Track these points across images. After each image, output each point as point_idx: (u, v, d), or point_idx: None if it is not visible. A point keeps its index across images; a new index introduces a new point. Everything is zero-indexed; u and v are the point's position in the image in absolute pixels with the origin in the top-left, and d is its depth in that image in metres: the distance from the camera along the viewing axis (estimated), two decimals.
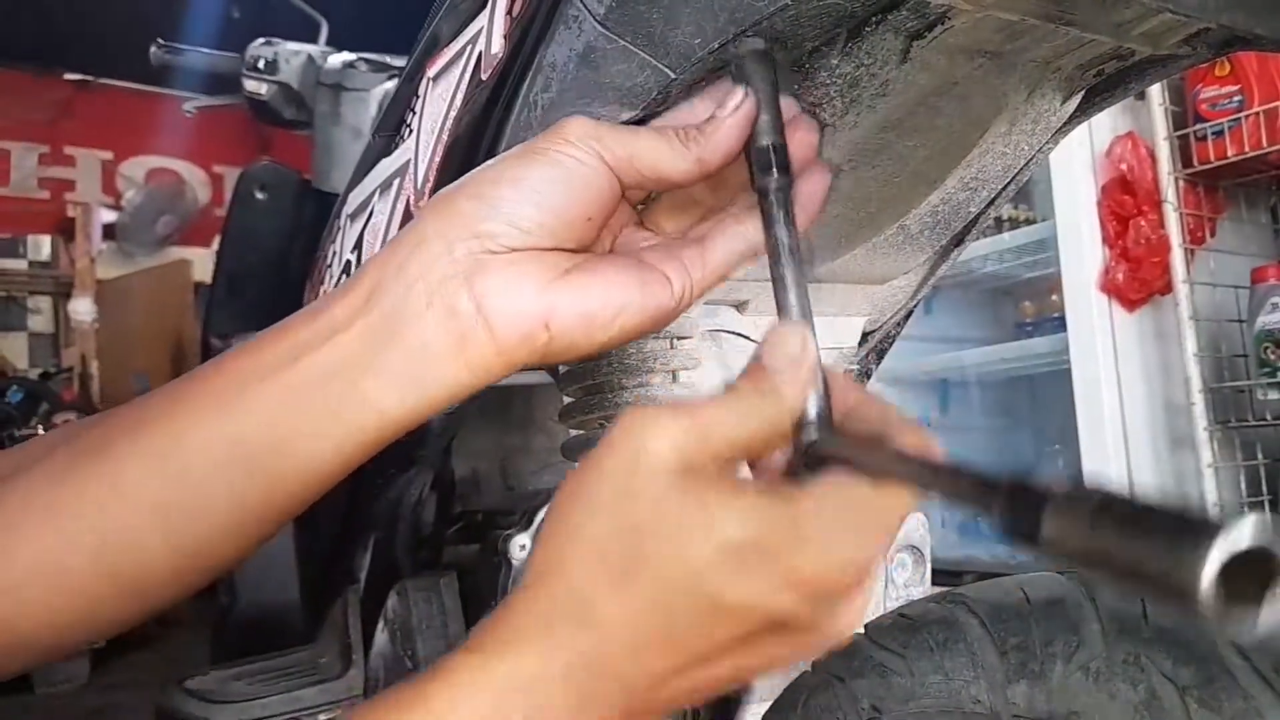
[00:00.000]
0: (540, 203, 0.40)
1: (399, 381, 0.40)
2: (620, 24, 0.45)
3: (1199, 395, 1.80)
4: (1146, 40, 0.44)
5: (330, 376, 0.40)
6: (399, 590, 0.86)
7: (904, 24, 0.41)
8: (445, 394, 0.41)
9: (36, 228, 5.06)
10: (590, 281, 0.41)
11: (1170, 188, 1.84)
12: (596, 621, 0.33)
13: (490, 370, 0.41)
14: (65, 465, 0.41)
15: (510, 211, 0.40)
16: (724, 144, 0.41)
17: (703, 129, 0.41)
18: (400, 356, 0.40)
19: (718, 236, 0.44)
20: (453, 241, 0.40)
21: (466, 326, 0.40)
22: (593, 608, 0.34)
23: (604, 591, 0.33)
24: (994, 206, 0.60)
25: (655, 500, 0.33)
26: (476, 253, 0.40)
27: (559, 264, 0.41)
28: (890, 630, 0.48)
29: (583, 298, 0.41)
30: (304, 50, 1.64)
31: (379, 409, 0.40)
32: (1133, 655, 0.39)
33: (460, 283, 0.40)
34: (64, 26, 4.34)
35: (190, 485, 0.40)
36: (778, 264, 0.41)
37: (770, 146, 0.41)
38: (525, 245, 0.40)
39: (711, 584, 0.33)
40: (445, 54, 0.63)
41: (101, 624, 0.43)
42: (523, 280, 0.40)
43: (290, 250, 1.46)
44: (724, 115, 0.41)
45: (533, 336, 0.40)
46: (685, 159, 0.41)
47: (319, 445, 0.41)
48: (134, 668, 3.11)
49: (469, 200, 0.41)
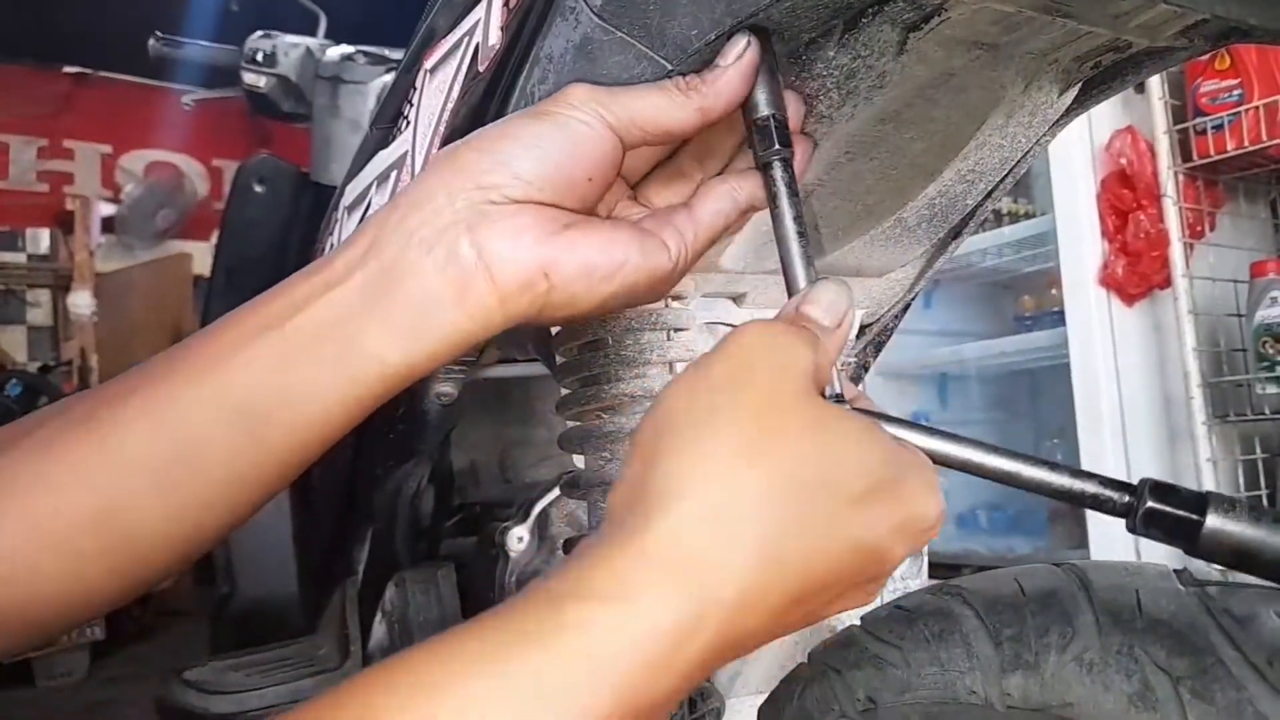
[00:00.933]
0: (543, 159, 0.41)
1: (400, 331, 0.40)
2: (617, 16, 0.45)
3: (1197, 389, 1.81)
4: (1143, 32, 0.44)
5: (330, 329, 0.40)
6: (397, 582, 0.87)
7: (900, 16, 0.41)
8: (447, 343, 0.41)
9: (35, 221, 5.05)
10: (590, 236, 0.41)
11: (1170, 182, 1.84)
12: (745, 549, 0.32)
13: (490, 318, 0.41)
14: (56, 433, 0.41)
15: (515, 165, 0.40)
16: (726, 91, 0.42)
17: (704, 77, 0.42)
18: (400, 306, 0.40)
19: (705, 198, 0.45)
20: (455, 192, 0.40)
21: (467, 273, 0.40)
22: (742, 534, 0.32)
23: (736, 521, 0.32)
24: (991, 199, 0.60)
25: (810, 423, 0.34)
26: (478, 203, 0.40)
27: (559, 218, 0.41)
28: (886, 622, 0.48)
29: (584, 249, 0.41)
30: (302, 43, 1.63)
31: (380, 360, 0.40)
32: (1126, 646, 0.39)
33: (462, 230, 0.40)
34: (63, 20, 4.33)
35: (187, 446, 0.40)
36: (784, 234, 0.41)
37: (771, 119, 0.42)
38: (527, 198, 0.41)
39: (860, 518, 0.34)
40: (442, 46, 0.63)
41: (97, 595, 0.42)
42: (524, 230, 0.40)
43: (289, 243, 1.46)
44: (726, 63, 0.42)
45: (533, 285, 0.40)
46: (686, 108, 0.42)
47: (319, 400, 0.40)
48: (134, 660, 3.11)
49: (473, 153, 0.41)
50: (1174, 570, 0.42)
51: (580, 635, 0.31)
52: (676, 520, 0.32)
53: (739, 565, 0.32)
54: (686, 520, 0.32)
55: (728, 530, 0.32)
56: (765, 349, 0.35)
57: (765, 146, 0.42)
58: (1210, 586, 0.39)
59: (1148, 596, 0.40)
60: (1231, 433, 1.86)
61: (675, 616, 0.31)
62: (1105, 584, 0.42)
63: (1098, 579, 0.43)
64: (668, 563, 0.32)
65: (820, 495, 0.33)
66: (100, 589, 0.42)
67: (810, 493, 0.33)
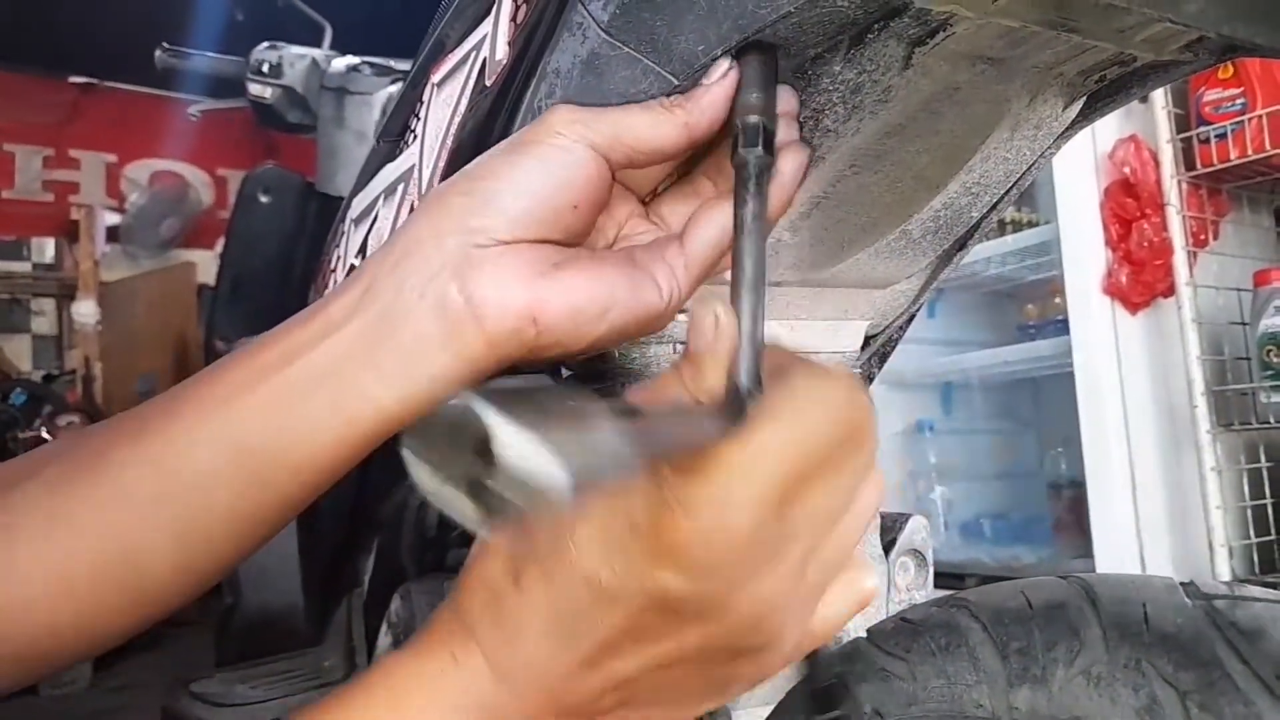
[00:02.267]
0: (526, 193, 0.41)
1: (394, 376, 0.40)
2: (624, 31, 0.45)
3: (1201, 398, 1.80)
4: (1148, 46, 0.44)
5: (327, 374, 0.41)
6: (403, 593, 0.87)
7: (906, 31, 0.41)
8: (438, 387, 0.41)
9: (40, 230, 5.07)
10: (578, 277, 0.41)
11: (1173, 190, 1.84)
12: (504, 613, 0.35)
13: (480, 363, 0.41)
14: (63, 475, 0.41)
15: (497, 204, 0.40)
16: (710, 109, 0.42)
17: (689, 94, 0.42)
18: (395, 351, 0.40)
19: (695, 226, 0.45)
20: (443, 236, 0.40)
21: (456, 319, 0.40)
22: (501, 600, 0.35)
23: (508, 584, 0.35)
24: (996, 211, 0.60)
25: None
26: (466, 247, 0.40)
27: (548, 258, 0.41)
28: (892, 634, 0.48)
29: (570, 293, 0.41)
30: (308, 54, 1.64)
31: (375, 404, 0.41)
32: (1134, 660, 0.39)
33: (450, 276, 0.40)
34: (69, 30, 4.35)
35: (192, 488, 0.41)
36: (738, 236, 0.40)
37: (758, 124, 0.42)
38: (513, 238, 0.41)
39: (590, 568, 0.33)
40: (450, 60, 0.64)
41: (105, 632, 0.43)
42: (510, 273, 0.40)
43: (294, 253, 1.46)
44: (710, 82, 0.42)
45: (521, 330, 0.40)
46: (671, 125, 0.42)
47: (318, 442, 0.41)
48: (138, 669, 3.11)
49: (459, 196, 0.41)
50: (1181, 583, 0.42)
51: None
52: (469, 586, 0.37)
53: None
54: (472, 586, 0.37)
55: (493, 599, 0.36)
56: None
57: (745, 147, 0.41)
58: (1217, 600, 0.39)
59: (1154, 610, 0.41)
60: (1236, 441, 1.86)
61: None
62: (1112, 597, 0.42)
63: (1104, 592, 0.43)
64: (465, 614, 0.36)
65: (550, 558, 0.34)
66: (111, 624, 0.42)
67: (543, 560, 0.34)
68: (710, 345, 0.35)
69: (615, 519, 0.32)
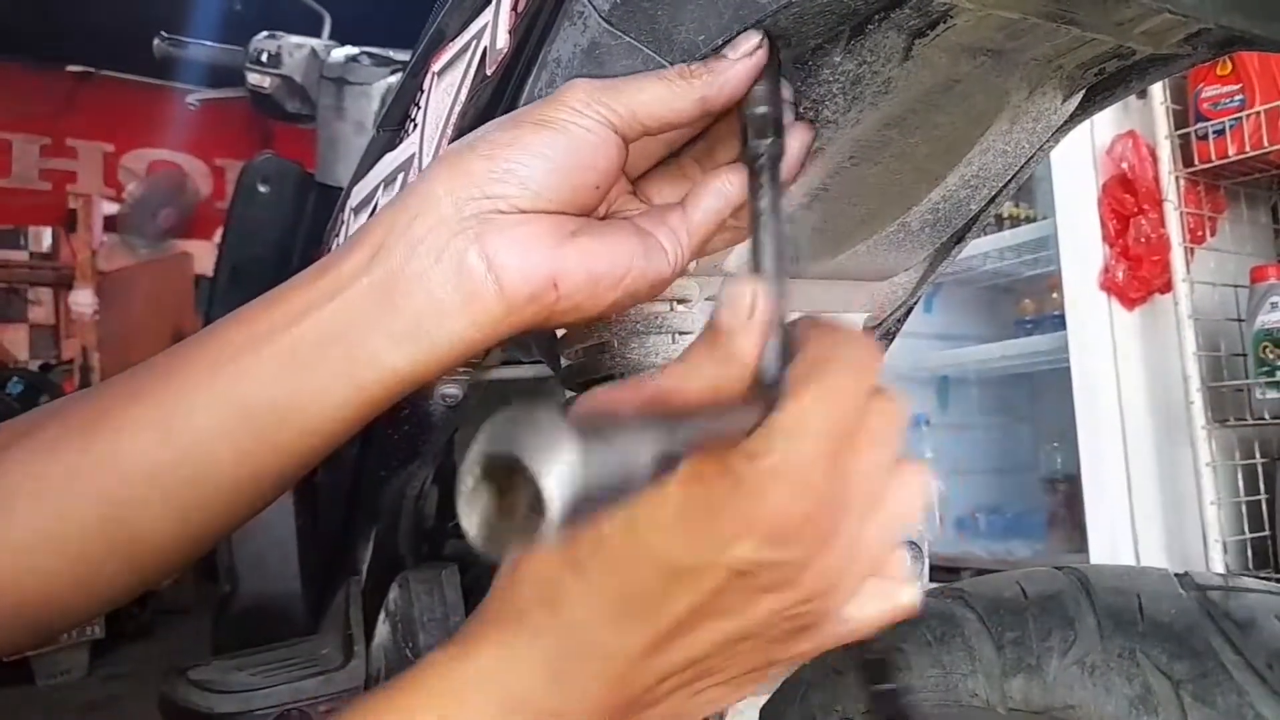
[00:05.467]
0: (551, 169, 0.40)
1: (406, 339, 0.40)
2: (625, 20, 0.45)
3: (1197, 394, 1.81)
4: (1147, 39, 0.44)
5: (336, 335, 0.40)
6: (401, 582, 0.87)
7: (906, 22, 0.42)
8: (452, 351, 0.41)
9: (38, 219, 5.06)
10: (598, 245, 0.41)
11: (1171, 186, 1.84)
12: (563, 604, 0.33)
13: (497, 328, 0.41)
14: (59, 437, 0.41)
15: (522, 174, 0.40)
16: (731, 84, 0.41)
17: (708, 65, 0.42)
18: (407, 314, 0.40)
19: (697, 196, 0.45)
20: (462, 200, 0.40)
21: (476, 283, 0.40)
22: (557, 590, 0.33)
23: (564, 574, 0.33)
24: (995, 204, 0.60)
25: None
26: (486, 211, 0.40)
27: (566, 226, 0.41)
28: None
29: (592, 260, 0.41)
30: (307, 44, 1.64)
31: (388, 366, 0.40)
32: (1128, 650, 0.39)
33: (470, 240, 0.40)
34: (67, 19, 4.33)
35: (193, 450, 0.40)
36: (757, 227, 0.41)
37: (766, 114, 0.42)
38: (534, 207, 0.41)
39: (663, 550, 0.32)
40: (450, 49, 0.64)
41: (101, 594, 0.42)
42: (533, 240, 0.40)
43: (293, 243, 1.46)
44: (735, 56, 0.41)
45: (541, 295, 0.41)
46: (687, 97, 0.42)
47: (326, 404, 0.41)
48: (134, 658, 3.12)
49: (481, 160, 0.41)
50: (1175, 574, 0.42)
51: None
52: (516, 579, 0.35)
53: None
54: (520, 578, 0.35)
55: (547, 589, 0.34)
56: None
57: (756, 138, 0.41)
58: (1211, 590, 0.40)
59: (1149, 600, 0.41)
60: (1231, 437, 1.87)
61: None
62: (1107, 587, 0.42)
63: (1099, 582, 0.43)
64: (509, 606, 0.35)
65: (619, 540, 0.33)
66: (105, 589, 0.42)
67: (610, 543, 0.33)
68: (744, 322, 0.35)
69: (689, 498, 0.32)
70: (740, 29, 0.41)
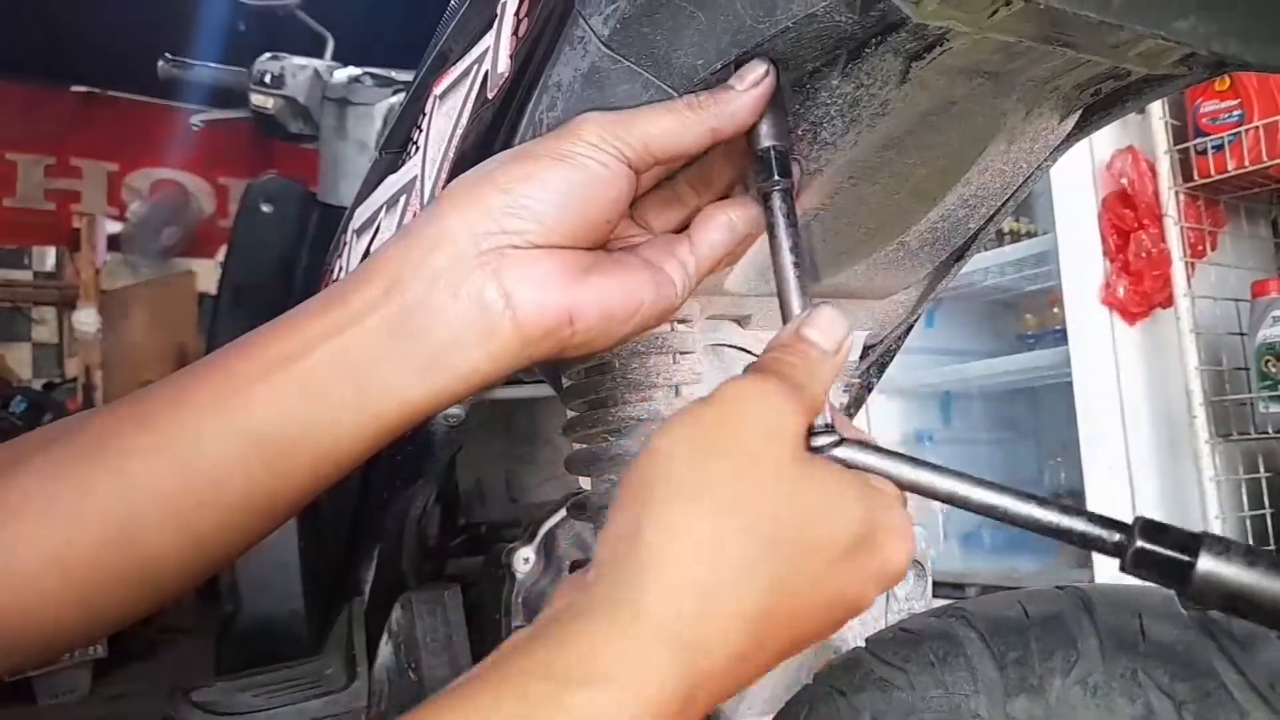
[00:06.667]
0: (567, 205, 0.41)
1: (423, 371, 0.41)
2: (624, 45, 0.46)
3: (1200, 408, 1.81)
4: (1142, 61, 0.45)
5: (350, 367, 0.41)
6: (404, 603, 0.87)
7: (903, 45, 0.42)
8: (467, 382, 0.42)
9: (42, 239, 5.09)
10: (611, 281, 0.42)
11: (1171, 201, 1.85)
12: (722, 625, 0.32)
13: (513, 361, 0.42)
14: (66, 459, 0.41)
15: (538, 210, 0.41)
16: (739, 114, 0.42)
17: (715, 96, 0.42)
18: (425, 347, 0.40)
19: (704, 228, 0.46)
20: (479, 235, 0.40)
21: (494, 319, 0.40)
22: (717, 606, 0.32)
23: (728, 588, 0.33)
24: (993, 223, 0.60)
25: (796, 482, 0.34)
26: (502, 247, 0.40)
27: (580, 262, 0.42)
28: (891, 644, 0.48)
29: (604, 296, 0.42)
30: (310, 65, 1.65)
31: (401, 397, 0.41)
32: (1130, 670, 0.39)
33: (489, 275, 0.40)
34: (71, 39, 4.36)
35: (202, 476, 0.40)
36: (781, 263, 0.42)
37: (772, 149, 0.43)
38: (549, 243, 0.41)
39: (840, 576, 0.35)
40: (452, 72, 0.64)
41: (108, 618, 0.42)
42: (549, 277, 0.41)
43: (295, 263, 1.47)
44: (742, 87, 0.42)
45: (556, 331, 0.41)
46: (696, 129, 0.42)
47: (339, 433, 0.41)
48: (137, 678, 3.10)
49: (497, 194, 0.41)
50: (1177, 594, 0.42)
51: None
52: (669, 591, 0.32)
53: (731, 635, 0.33)
54: (679, 591, 0.32)
55: (719, 600, 0.33)
56: (756, 408, 0.35)
57: (766, 177, 0.43)
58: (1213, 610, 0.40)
59: (1151, 620, 0.41)
60: (1235, 451, 1.86)
61: (673, 692, 0.32)
62: (1109, 607, 0.42)
63: (1101, 602, 0.43)
64: (665, 639, 0.32)
65: (805, 558, 0.34)
66: (111, 611, 0.42)
67: (795, 556, 0.34)
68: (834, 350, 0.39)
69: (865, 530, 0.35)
70: (738, 53, 0.42)
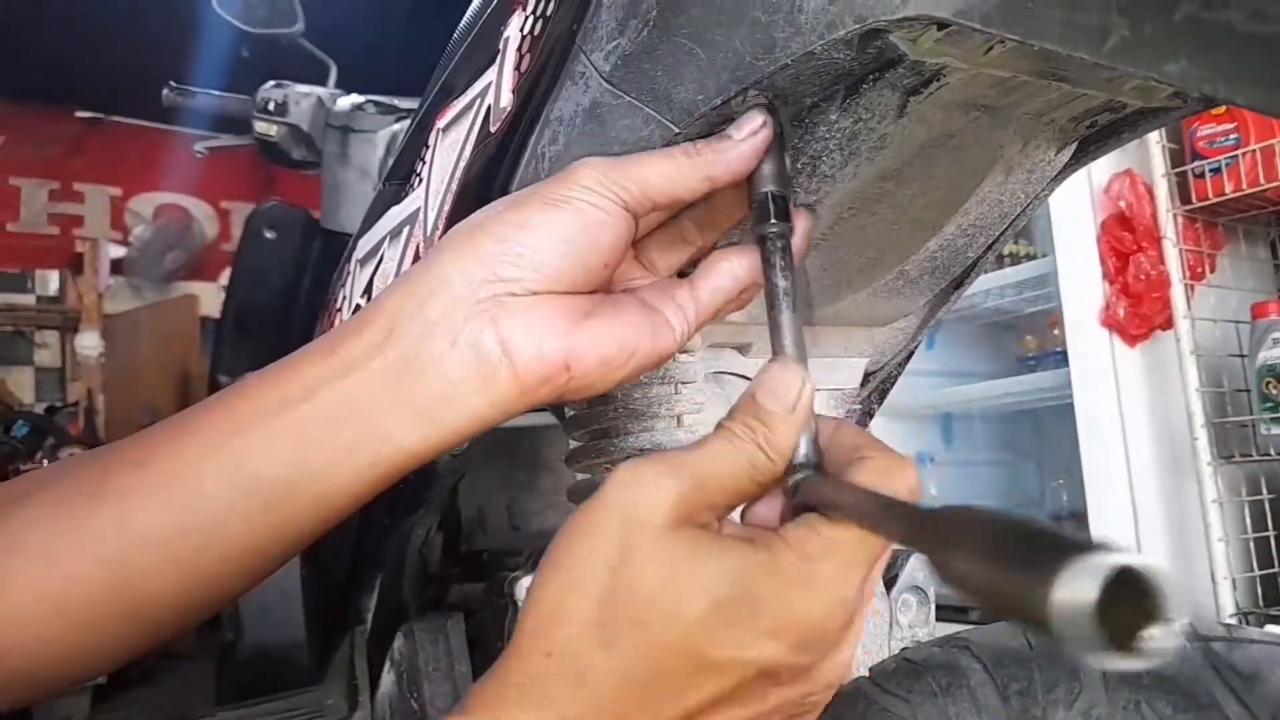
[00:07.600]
0: (564, 251, 0.41)
1: (421, 418, 0.41)
2: (625, 81, 0.46)
3: (1201, 430, 1.80)
4: (1138, 94, 0.45)
5: (349, 413, 0.41)
6: (406, 631, 0.86)
7: (901, 80, 0.42)
8: (466, 428, 0.42)
9: (45, 263, 5.10)
10: (608, 327, 0.42)
11: (1169, 224, 1.85)
12: (589, 680, 0.34)
13: (511, 407, 0.42)
14: (65, 500, 0.41)
15: (534, 258, 0.41)
16: (736, 165, 0.42)
17: (713, 145, 0.42)
18: (422, 394, 0.41)
19: (706, 276, 0.46)
20: (476, 282, 0.41)
21: (491, 366, 0.41)
22: (585, 665, 0.34)
23: (595, 650, 0.34)
24: (992, 251, 0.61)
25: (647, 559, 0.34)
26: (499, 294, 0.41)
27: (578, 307, 0.42)
28: (894, 674, 0.48)
29: (603, 342, 0.42)
30: (313, 92, 1.67)
31: (400, 444, 0.41)
32: (1133, 702, 0.39)
33: (486, 323, 0.40)
34: (76, 65, 4.40)
35: (201, 519, 0.40)
36: (775, 308, 0.42)
37: (770, 194, 0.43)
38: (546, 289, 0.41)
39: (700, 640, 0.33)
40: (455, 106, 0.65)
41: (105, 657, 0.42)
42: (546, 324, 0.41)
43: (299, 289, 1.48)
44: (740, 137, 0.42)
45: (554, 377, 0.41)
46: (694, 176, 0.42)
47: (337, 478, 0.41)
48: (136, 704, 3.08)
49: (493, 242, 0.41)
50: (1178, 625, 0.42)
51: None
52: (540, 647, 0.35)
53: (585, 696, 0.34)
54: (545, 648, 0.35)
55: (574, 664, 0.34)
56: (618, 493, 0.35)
57: (763, 220, 0.43)
58: (1215, 642, 0.40)
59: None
60: (1237, 473, 1.86)
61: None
62: None
63: None
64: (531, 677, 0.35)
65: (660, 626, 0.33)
66: (108, 651, 0.42)
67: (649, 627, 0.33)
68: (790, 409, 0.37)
69: (734, 588, 0.33)
70: (738, 89, 0.42)
